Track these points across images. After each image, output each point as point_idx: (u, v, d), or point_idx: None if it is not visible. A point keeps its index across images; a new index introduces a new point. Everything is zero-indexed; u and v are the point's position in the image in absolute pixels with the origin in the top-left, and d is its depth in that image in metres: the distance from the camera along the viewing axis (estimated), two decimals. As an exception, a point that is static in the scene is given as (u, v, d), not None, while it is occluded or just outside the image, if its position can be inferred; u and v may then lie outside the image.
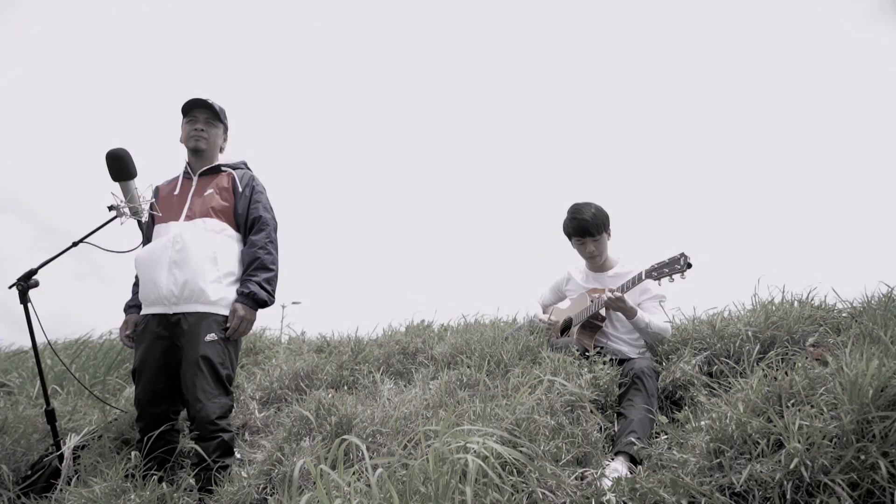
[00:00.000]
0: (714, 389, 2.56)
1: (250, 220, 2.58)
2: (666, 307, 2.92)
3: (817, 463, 1.54)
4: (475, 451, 1.59)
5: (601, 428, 2.19)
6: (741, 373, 2.49)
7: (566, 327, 2.99)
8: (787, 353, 2.39)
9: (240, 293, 2.46)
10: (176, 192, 2.63)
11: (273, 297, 2.52)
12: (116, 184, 2.47)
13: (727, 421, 1.84)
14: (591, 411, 2.14)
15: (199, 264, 2.41)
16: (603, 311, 2.84)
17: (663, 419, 2.27)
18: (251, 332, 2.82)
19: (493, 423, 1.99)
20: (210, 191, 2.58)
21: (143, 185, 2.53)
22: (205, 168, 2.66)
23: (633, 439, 2.21)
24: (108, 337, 5.00)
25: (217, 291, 2.42)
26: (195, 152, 2.66)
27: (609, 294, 2.67)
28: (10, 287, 2.51)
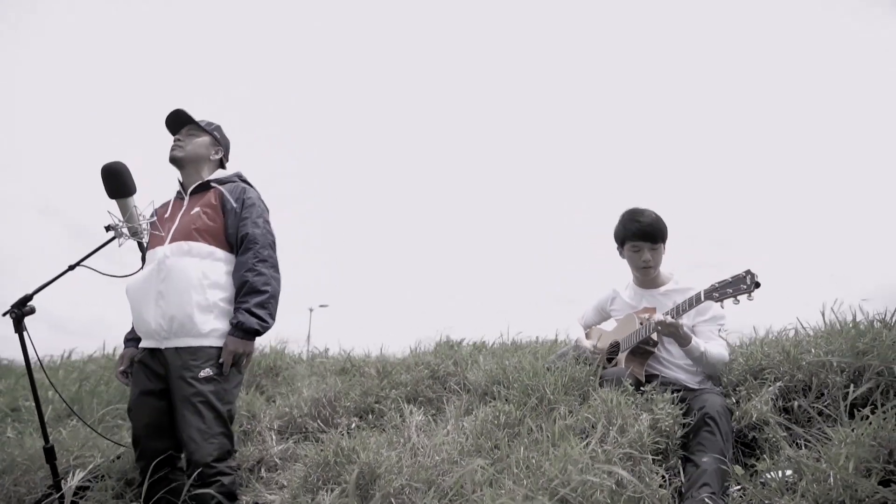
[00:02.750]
0: (791, 429, 2.23)
1: (239, 239, 2.30)
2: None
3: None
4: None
5: (665, 479, 1.87)
6: (827, 412, 2.15)
7: (612, 352, 2.66)
8: (885, 389, 2.04)
9: (230, 324, 2.21)
10: (167, 214, 2.40)
11: (267, 321, 2.23)
12: (113, 202, 2.23)
13: (830, 482, 1.51)
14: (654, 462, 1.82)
15: (184, 294, 2.16)
16: (654, 336, 2.51)
17: (739, 470, 1.93)
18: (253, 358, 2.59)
19: (539, 478, 1.69)
20: (196, 209, 2.32)
21: (144, 203, 2.28)
22: (195, 185, 2.41)
23: (707, 495, 1.89)
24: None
25: (207, 322, 2.17)
26: (172, 163, 2.42)
27: (661, 318, 2.34)
28: (4, 314, 2.30)
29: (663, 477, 1.85)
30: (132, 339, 2.40)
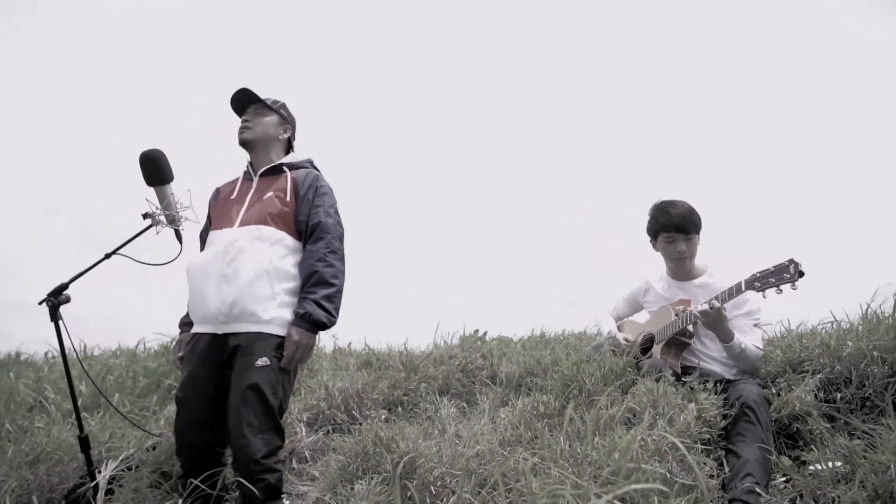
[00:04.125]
0: (833, 421, 2.20)
1: (310, 227, 2.22)
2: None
3: None
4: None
5: (713, 470, 1.85)
6: (870, 403, 2.12)
7: (647, 344, 2.64)
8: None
9: (295, 314, 2.13)
10: (233, 196, 2.34)
11: (334, 316, 2.15)
12: (151, 189, 2.22)
13: (891, 473, 1.47)
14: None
15: (250, 280, 2.09)
16: (691, 327, 2.48)
17: (785, 461, 1.91)
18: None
19: (586, 468, 1.67)
20: (269, 194, 2.26)
21: (181, 189, 2.26)
22: (265, 168, 2.35)
23: (750, 485, 1.86)
24: (148, 346, 4.86)
25: (270, 310, 2.09)
26: (242, 146, 2.38)
27: (705, 306, 2.31)
28: (40, 303, 2.30)
29: (711, 468, 1.82)
30: (188, 322, 2.32)
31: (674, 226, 2.57)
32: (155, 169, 2.18)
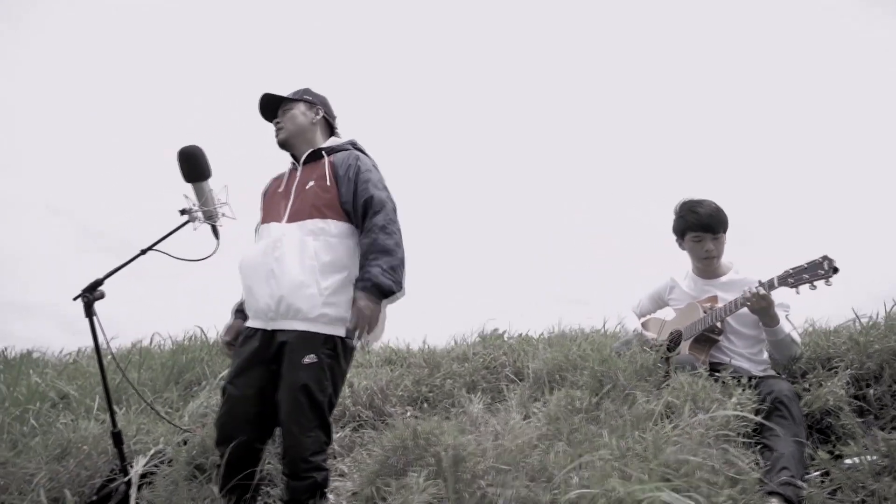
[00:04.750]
0: (863, 416, 2.23)
1: (362, 205, 2.16)
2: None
3: None
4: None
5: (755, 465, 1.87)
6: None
7: (674, 341, 2.66)
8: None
9: (358, 281, 2.08)
10: (281, 189, 2.33)
11: (400, 285, 2.08)
12: (189, 185, 2.23)
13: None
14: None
15: (296, 277, 2.08)
16: (720, 324, 2.51)
17: (823, 454, 1.93)
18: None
19: (632, 460, 1.69)
20: (311, 183, 2.24)
21: (218, 186, 2.27)
22: (307, 155, 2.33)
23: (787, 478, 1.89)
24: (162, 342, 4.86)
25: (316, 307, 2.07)
26: (282, 147, 2.38)
27: (752, 292, 2.32)
28: (75, 299, 2.30)
29: (754, 461, 1.85)
30: (240, 310, 2.33)
31: (701, 225, 2.60)
32: (194, 165, 2.19)
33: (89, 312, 2.28)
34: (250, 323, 2.23)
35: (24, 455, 2.75)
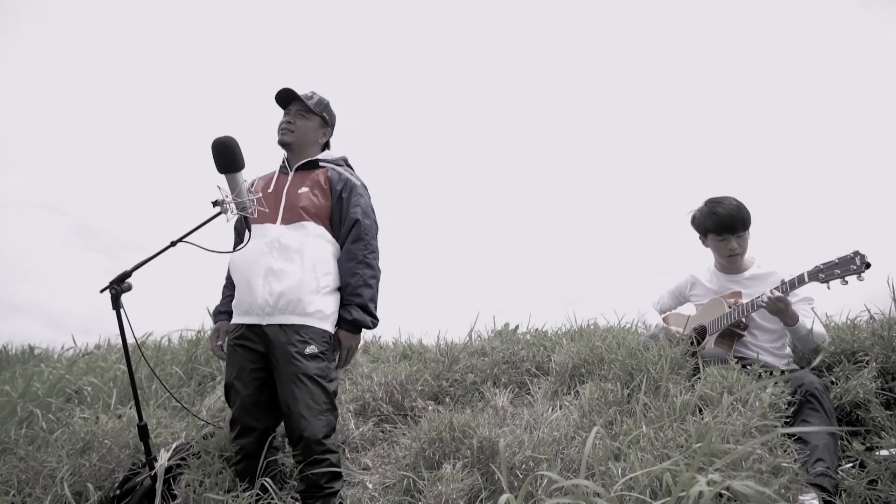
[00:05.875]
0: (890, 409, 2.25)
1: (347, 224, 2.31)
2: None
3: None
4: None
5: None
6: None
7: (699, 336, 2.68)
8: None
9: (343, 319, 2.27)
10: (270, 189, 2.40)
11: (376, 317, 2.31)
12: (222, 176, 2.21)
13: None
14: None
15: (298, 274, 2.20)
16: (745, 319, 2.53)
17: (858, 446, 1.96)
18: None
19: (674, 451, 1.70)
20: (305, 189, 2.34)
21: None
22: (301, 163, 2.42)
23: (823, 469, 1.90)
24: (172, 338, 4.82)
25: (314, 302, 2.20)
26: (282, 146, 2.44)
27: (770, 295, 2.35)
28: (102, 291, 2.28)
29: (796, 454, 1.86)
30: (224, 311, 2.43)
31: (724, 226, 2.61)
32: (228, 156, 2.18)
33: (116, 305, 2.26)
34: (241, 319, 2.29)
35: (44, 450, 2.74)
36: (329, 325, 2.27)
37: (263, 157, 2.53)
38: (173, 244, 2.32)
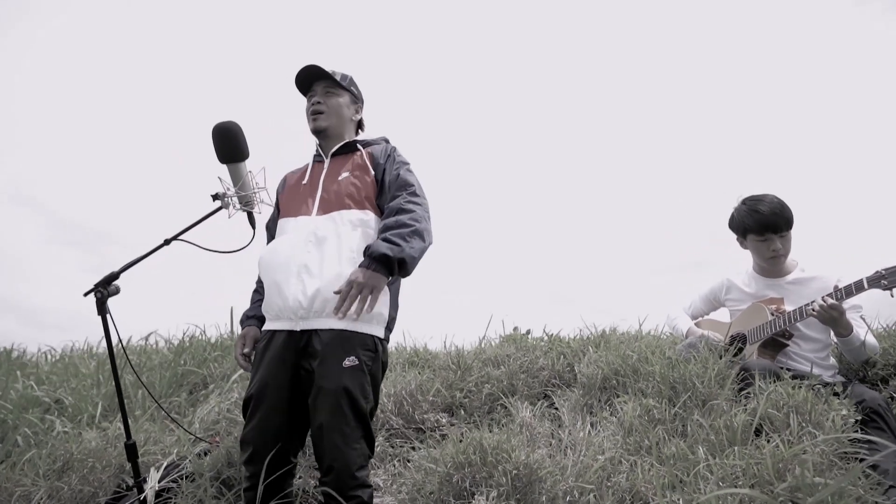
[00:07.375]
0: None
1: (395, 189, 1.98)
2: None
3: None
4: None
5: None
6: None
7: (738, 344, 2.48)
8: None
9: (366, 251, 1.84)
10: (305, 181, 2.11)
11: (399, 245, 1.80)
12: (224, 167, 1.97)
13: None
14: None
15: (334, 268, 1.87)
16: (789, 328, 2.34)
17: (936, 471, 1.76)
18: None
19: (746, 480, 1.50)
20: (345, 174, 2.04)
21: (255, 168, 2.00)
22: (337, 147, 2.13)
23: (897, 499, 1.71)
24: (157, 342, 4.54)
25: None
26: (315, 134, 2.15)
27: (822, 303, 2.16)
28: (87, 294, 2.03)
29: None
30: (253, 316, 2.10)
31: (766, 225, 2.41)
32: (230, 143, 1.93)
33: (102, 310, 2.00)
34: (272, 325, 1.97)
35: (18, 469, 2.47)
36: (376, 328, 1.91)
37: (262, 157, 2.22)
38: (167, 242, 2.08)
